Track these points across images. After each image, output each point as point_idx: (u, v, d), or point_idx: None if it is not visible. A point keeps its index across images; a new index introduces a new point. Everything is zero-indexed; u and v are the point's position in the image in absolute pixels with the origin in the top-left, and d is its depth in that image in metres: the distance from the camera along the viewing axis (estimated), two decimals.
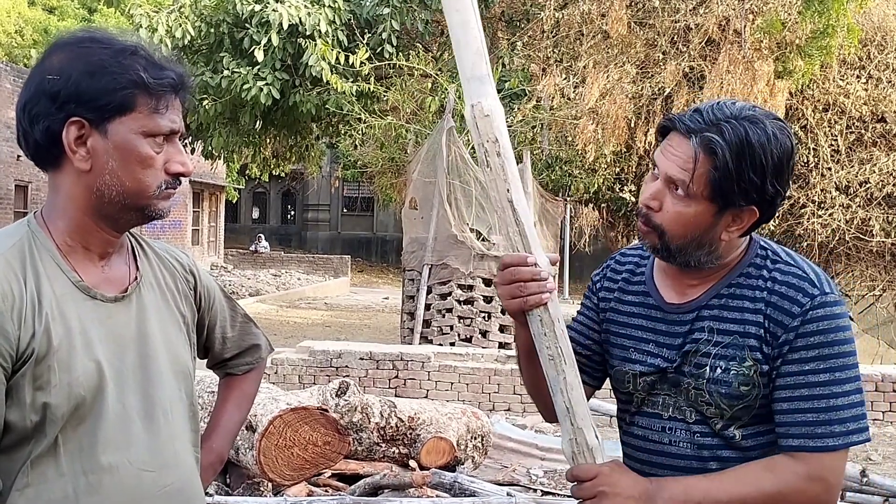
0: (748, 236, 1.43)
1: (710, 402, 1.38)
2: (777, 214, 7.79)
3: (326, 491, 3.59)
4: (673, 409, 1.42)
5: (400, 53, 10.35)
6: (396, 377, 6.88)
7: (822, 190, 9.26)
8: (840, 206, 9.16)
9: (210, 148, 12.37)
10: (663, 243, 1.39)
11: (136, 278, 1.28)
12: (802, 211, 9.30)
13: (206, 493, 3.25)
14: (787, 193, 1.45)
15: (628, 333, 1.49)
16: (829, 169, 9.23)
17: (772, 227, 8.96)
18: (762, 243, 1.44)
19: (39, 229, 1.21)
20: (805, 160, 9.26)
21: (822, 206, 9.24)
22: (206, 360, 1.58)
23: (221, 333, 1.51)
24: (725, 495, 1.32)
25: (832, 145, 9.29)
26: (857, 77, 9.20)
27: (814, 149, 9.24)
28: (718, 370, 1.36)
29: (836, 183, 9.22)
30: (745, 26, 8.43)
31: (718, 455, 1.39)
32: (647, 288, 1.49)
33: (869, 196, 9.29)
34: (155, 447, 1.23)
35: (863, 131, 9.29)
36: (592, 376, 1.56)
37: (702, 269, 1.41)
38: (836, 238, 9.31)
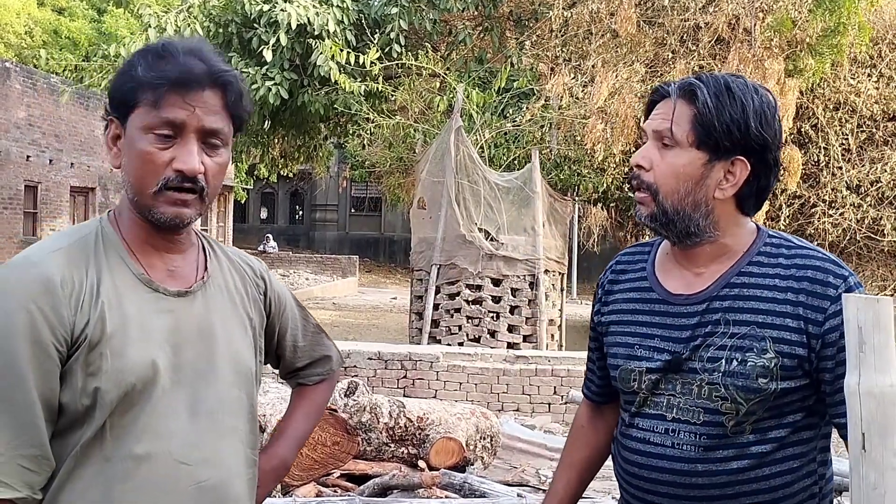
0: (756, 227, 1.40)
1: (726, 396, 1.32)
2: (788, 214, 7.59)
3: (335, 491, 3.57)
4: (677, 410, 1.36)
5: (408, 53, 10.34)
6: (405, 377, 6.87)
7: (832, 189, 9.20)
8: (851, 205, 9.10)
9: None
10: (658, 205, 1.35)
11: (202, 277, 1.30)
12: (813, 210, 9.25)
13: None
14: (778, 155, 1.39)
15: (632, 330, 1.43)
16: (840, 168, 9.17)
17: (782, 227, 8.91)
18: (770, 232, 1.40)
19: (109, 224, 1.26)
20: (816, 159, 9.21)
21: (833, 205, 9.19)
22: (278, 370, 1.59)
23: (293, 342, 1.52)
24: None
25: (843, 144, 9.23)
26: (869, 76, 9.14)
27: (824, 148, 9.19)
28: (735, 363, 1.31)
29: (846, 182, 9.17)
30: (755, 25, 8.39)
31: (724, 456, 1.32)
32: (650, 282, 1.44)
33: (880, 195, 9.23)
34: (197, 442, 1.23)
35: (874, 130, 9.23)
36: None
37: (702, 241, 1.36)
38: (847, 238, 9.26)
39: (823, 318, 1.29)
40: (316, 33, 10.07)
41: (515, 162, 9.93)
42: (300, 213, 34.63)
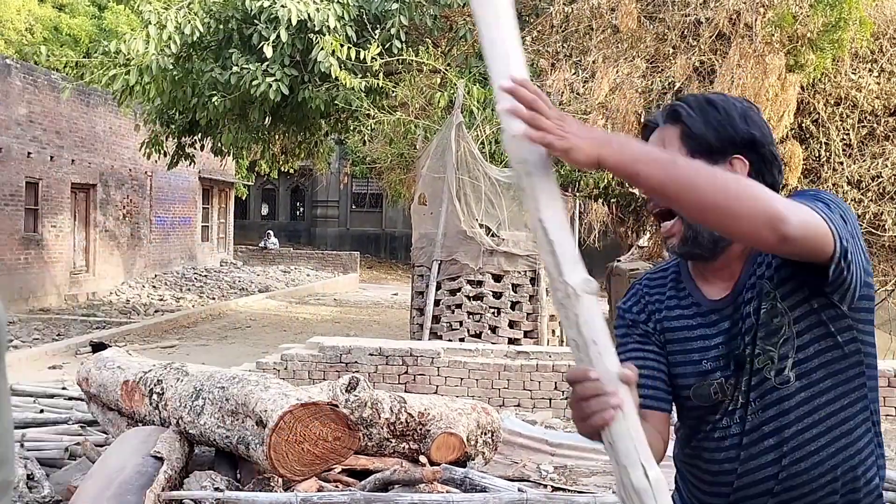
0: None
1: (759, 351, 1.42)
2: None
3: (337, 486, 3.58)
4: (742, 396, 1.44)
5: (409, 49, 10.33)
6: (406, 373, 6.88)
7: (833, 184, 9.19)
8: (852, 200, 9.09)
9: (220, 144, 12.39)
10: (685, 225, 1.43)
11: None
12: None
13: (216, 489, 3.26)
14: (774, 150, 1.47)
15: (693, 346, 1.48)
16: (841, 163, 9.16)
17: None
18: None
19: None
20: (816, 154, 9.20)
21: None
22: None
23: None
24: (673, 166, 1.25)
25: (844, 139, 9.22)
26: (870, 71, 9.12)
27: (825, 143, 9.18)
28: (753, 319, 1.42)
29: (847, 177, 9.16)
30: (756, 20, 8.37)
31: (777, 409, 1.41)
32: (695, 297, 1.50)
33: (881, 190, 9.22)
34: None
35: (875, 125, 9.22)
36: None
37: (726, 242, 1.43)
38: None
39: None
40: (316, 29, 10.06)
41: None
42: (301, 209, 34.62)
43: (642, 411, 1.59)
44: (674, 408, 1.55)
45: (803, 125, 9.16)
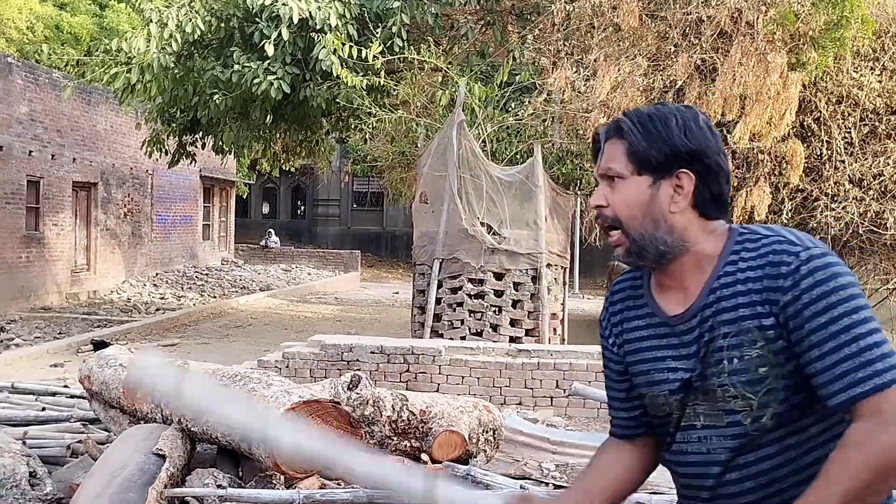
0: (729, 228, 1.45)
1: (736, 394, 1.37)
2: (790, 208, 7.56)
3: (339, 484, 3.58)
4: (704, 418, 1.42)
5: (410, 47, 10.32)
6: (407, 371, 6.87)
7: (835, 183, 9.18)
8: (854, 198, 9.08)
9: (221, 142, 12.38)
10: (628, 237, 1.44)
11: None
12: (816, 204, 9.24)
13: (219, 486, 3.25)
14: (724, 160, 1.46)
15: (644, 357, 1.50)
16: (843, 161, 9.15)
17: (784, 221, 8.91)
18: (741, 229, 1.45)
19: None
20: (818, 153, 9.19)
21: (836, 199, 9.17)
22: None
23: None
24: (835, 500, 1.25)
25: (845, 138, 9.21)
26: (871, 69, 9.11)
27: (827, 141, 9.17)
28: (735, 360, 1.36)
29: (849, 176, 9.15)
30: (757, 18, 8.36)
31: (755, 455, 1.38)
32: (651, 308, 1.50)
33: (883, 189, 9.21)
34: None
35: (877, 123, 9.21)
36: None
37: (676, 256, 1.43)
38: (850, 231, 9.24)
39: (782, 295, 1.33)
40: (318, 27, 10.06)
41: (518, 156, 9.93)
42: (302, 207, 34.62)
43: (613, 440, 1.62)
44: None
45: (805, 123, 9.15)
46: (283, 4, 9.91)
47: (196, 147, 13.57)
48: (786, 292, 1.32)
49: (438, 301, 8.47)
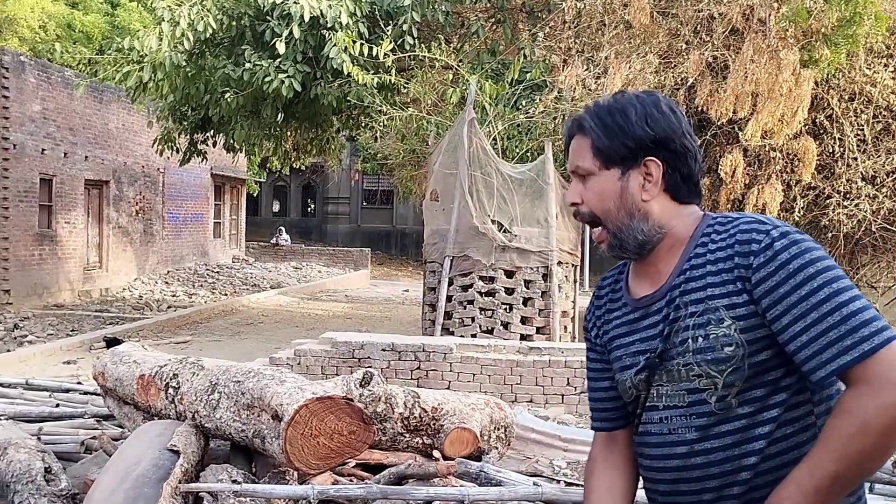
0: (703, 213, 1.48)
1: (701, 373, 1.38)
2: (802, 205, 7.52)
3: (351, 480, 3.60)
4: (666, 398, 1.42)
5: (421, 45, 10.33)
6: (418, 368, 6.89)
7: (847, 180, 9.13)
8: (866, 196, 9.03)
9: (232, 141, 12.43)
10: (608, 231, 1.47)
11: None
12: (828, 201, 9.19)
13: (234, 481, 3.28)
14: (691, 140, 1.46)
15: (618, 344, 1.52)
16: (855, 159, 9.10)
17: (796, 218, 8.87)
18: (714, 214, 1.47)
19: None
20: (830, 150, 9.14)
21: (848, 196, 9.13)
22: None
23: None
24: (831, 466, 1.26)
25: (858, 135, 9.16)
26: (885, 66, 9.06)
27: (839, 139, 9.12)
28: (700, 339, 1.37)
29: (862, 173, 9.10)
30: (769, 15, 8.32)
31: (717, 433, 1.37)
32: (624, 298, 1.53)
33: None
34: None
35: (890, 121, 9.15)
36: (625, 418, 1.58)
37: (655, 243, 1.45)
38: (862, 229, 9.19)
39: (754, 272, 1.33)
40: (329, 25, 10.08)
41: (528, 154, 9.91)
42: (312, 205, 34.69)
43: (597, 434, 1.64)
44: None
45: (817, 121, 9.10)
46: (295, 3, 9.94)
47: (207, 145, 13.62)
48: (759, 269, 1.33)
49: (449, 299, 8.47)
